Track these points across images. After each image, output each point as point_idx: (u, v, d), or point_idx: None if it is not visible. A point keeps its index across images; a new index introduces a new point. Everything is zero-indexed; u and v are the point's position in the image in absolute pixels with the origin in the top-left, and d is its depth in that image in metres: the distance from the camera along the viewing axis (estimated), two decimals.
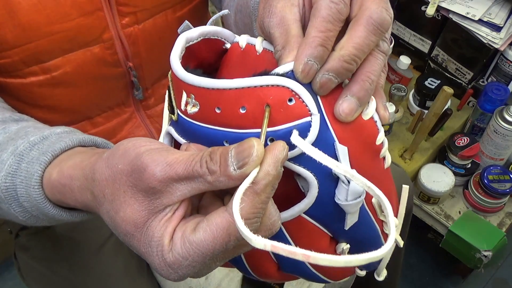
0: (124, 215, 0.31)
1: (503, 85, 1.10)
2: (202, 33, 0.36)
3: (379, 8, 0.31)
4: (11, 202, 0.39)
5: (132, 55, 0.63)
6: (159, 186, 0.29)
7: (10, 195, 0.39)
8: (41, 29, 0.54)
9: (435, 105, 1.00)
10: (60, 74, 0.59)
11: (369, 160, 0.34)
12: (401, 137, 1.18)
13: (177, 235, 0.30)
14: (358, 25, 0.31)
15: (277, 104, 0.30)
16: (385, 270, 0.40)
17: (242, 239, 0.28)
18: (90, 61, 0.60)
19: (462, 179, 1.17)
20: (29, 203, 0.39)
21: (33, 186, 0.37)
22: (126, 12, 0.60)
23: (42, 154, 0.38)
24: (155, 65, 0.67)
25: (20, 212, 0.40)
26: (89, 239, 0.71)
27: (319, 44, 0.30)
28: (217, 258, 0.30)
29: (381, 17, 0.31)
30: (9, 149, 0.40)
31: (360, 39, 0.31)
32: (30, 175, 0.38)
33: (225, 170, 0.28)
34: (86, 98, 0.63)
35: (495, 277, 1.34)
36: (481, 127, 1.16)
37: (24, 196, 0.38)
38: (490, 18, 1.07)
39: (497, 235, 1.09)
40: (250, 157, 0.28)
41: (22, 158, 0.39)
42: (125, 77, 0.65)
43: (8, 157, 0.39)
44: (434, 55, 1.21)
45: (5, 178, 0.39)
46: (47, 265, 0.70)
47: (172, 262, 0.30)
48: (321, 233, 0.35)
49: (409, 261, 1.37)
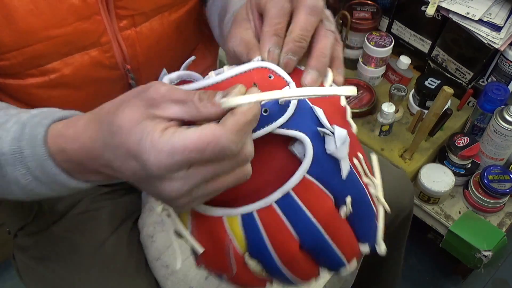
0: (122, 114, 0.35)
1: (503, 85, 1.10)
2: (180, 76, 0.43)
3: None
4: (16, 164, 0.42)
5: (130, 57, 0.63)
6: (159, 99, 0.35)
7: (17, 157, 0.42)
8: (38, 33, 0.54)
9: (435, 105, 1.00)
10: (58, 77, 0.59)
11: (341, 120, 0.42)
12: (401, 137, 1.18)
13: (169, 130, 0.34)
14: (298, 13, 0.41)
15: (261, 81, 0.38)
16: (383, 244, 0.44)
17: (226, 144, 0.33)
18: (88, 64, 0.60)
19: (462, 179, 1.17)
20: (34, 162, 0.41)
21: (39, 145, 0.41)
22: (124, 15, 0.60)
23: (44, 118, 0.42)
24: (152, 67, 0.67)
25: (23, 175, 0.42)
26: (87, 239, 0.71)
27: (273, 34, 0.40)
28: (202, 160, 0.34)
29: (314, 2, 0.41)
30: (12, 120, 0.43)
31: (302, 21, 0.40)
32: (34, 136, 0.41)
33: (212, 98, 0.35)
34: (84, 101, 0.63)
35: (495, 277, 1.34)
36: (481, 127, 1.16)
37: (30, 156, 0.41)
38: (490, 18, 1.07)
39: (497, 235, 1.09)
40: (233, 89, 0.35)
41: (25, 125, 0.42)
42: (122, 80, 0.65)
43: (12, 125, 0.43)
44: (434, 55, 1.21)
45: (11, 142, 0.42)
46: (45, 265, 0.70)
47: (160, 148, 0.33)
48: (325, 196, 0.39)
49: (409, 261, 1.37)
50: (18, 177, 0.43)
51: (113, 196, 0.76)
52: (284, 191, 0.38)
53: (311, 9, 0.41)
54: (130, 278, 0.69)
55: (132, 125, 0.34)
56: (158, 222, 0.73)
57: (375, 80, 1.27)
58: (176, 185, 0.35)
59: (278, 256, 0.40)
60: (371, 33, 1.22)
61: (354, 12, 1.25)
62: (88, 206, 0.74)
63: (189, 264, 0.69)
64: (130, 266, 0.70)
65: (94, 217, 0.73)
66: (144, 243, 0.74)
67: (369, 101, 1.21)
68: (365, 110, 1.20)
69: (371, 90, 1.23)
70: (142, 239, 0.74)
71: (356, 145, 0.42)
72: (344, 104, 0.43)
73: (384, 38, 1.21)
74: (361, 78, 1.26)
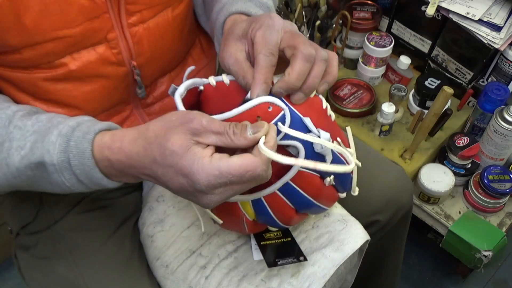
0: (173, 140, 0.45)
1: (503, 85, 1.10)
2: (186, 87, 0.54)
3: (307, 47, 0.49)
4: (64, 172, 0.50)
5: (136, 54, 0.64)
6: (202, 129, 0.45)
7: (65, 166, 0.50)
8: (47, 34, 0.55)
9: (435, 105, 1.00)
10: (65, 72, 0.60)
11: (323, 118, 0.55)
12: (401, 137, 1.18)
13: (215, 156, 0.44)
14: (295, 60, 0.49)
15: (263, 113, 0.49)
16: (357, 188, 0.60)
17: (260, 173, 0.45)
18: (94, 60, 0.60)
19: (462, 179, 1.17)
20: (80, 171, 0.50)
21: (87, 158, 0.49)
22: (134, 10, 0.61)
23: (87, 133, 0.49)
24: (156, 64, 0.68)
25: (68, 180, 0.50)
26: (88, 239, 0.71)
27: (263, 82, 0.50)
28: (239, 182, 0.45)
29: (309, 51, 0.49)
30: (53, 133, 0.50)
31: (299, 68, 0.49)
32: (81, 151, 0.49)
33: (244, 132, 0.46)
34: (89, 96, 0.64)
35: (495, 277, 1.34)
36: (481, 127, 1.16)
37: (77, 166, 0.49)
38: (490, 18, 1.07)
39: (497, 235, 1.09)
40: (263, 128, 0.46)
41: (69, 138, 0.49)
42: (128, 76, 0.65)
43: (56, 139, 0.49)
44: (434, 55, 1.21)
45: (59, 154, 0.49)
46: (47, 265, 0.70)
47: (210, 171, 0.43)
48: (314, 176, 0.56)
49: (409, 261, 1.37)
50: (64, 181, 0.51)
51: (114, 196, 0.76)
52: (284, 181, 0.53)
53: (307, 58, 0.49)
54: (131, 277, 0.69)
55: (183, 151, 0.44)
56: (158, 222, 0.73)
57: (375, 80, 1.27)
58: (214, 198, 0.46)
59: (278, 219, 0.58)
60: (371, 33, 1.22)
61: (354, 12, 1.25)
62: (89, 206, 0.74)
63: (189, 264, 0.69)
64: (131, 266, 0.70)
65: (95, 217, 0.73)
66: (144, 243, 0.74)
67: (369, 101, 1.21)
68: (365, 110, 1.20)
69: (371, 90, 1.23)
70: (142, 239, 0.74)
71: (336, 130, 0.57)
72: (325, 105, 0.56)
73: (384, 38, 1.21)
74: (361, 78, 1.26)
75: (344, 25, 1.25)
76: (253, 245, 0.69)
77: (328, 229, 0.70)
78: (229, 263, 0.69)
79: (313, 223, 0.71)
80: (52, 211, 0.73)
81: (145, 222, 0.74)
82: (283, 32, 0.51)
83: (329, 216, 0.72)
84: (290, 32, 0.51)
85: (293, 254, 0.65)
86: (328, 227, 0.70)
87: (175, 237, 0.71)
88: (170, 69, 0.73)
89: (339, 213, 0.72)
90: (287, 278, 0.66)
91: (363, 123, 1.21)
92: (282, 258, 0.64)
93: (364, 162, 0.84)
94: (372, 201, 0.80)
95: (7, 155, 0.50)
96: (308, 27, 1.26)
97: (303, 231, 0.71)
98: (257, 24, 0.52)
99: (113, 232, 0.72)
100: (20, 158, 0.49)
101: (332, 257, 0.67)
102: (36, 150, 0.49)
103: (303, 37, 0.51)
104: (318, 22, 1.26)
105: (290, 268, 0.67)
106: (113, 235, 0.72)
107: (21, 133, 0.50)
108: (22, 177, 0.51)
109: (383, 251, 0.93)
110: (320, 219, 0.72)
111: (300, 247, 0.67)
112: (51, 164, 0.49)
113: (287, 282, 0.66)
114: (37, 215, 0.73)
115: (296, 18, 1.20)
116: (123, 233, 0.73)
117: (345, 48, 1.28)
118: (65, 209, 0.73)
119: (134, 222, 0.76)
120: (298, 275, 0.66)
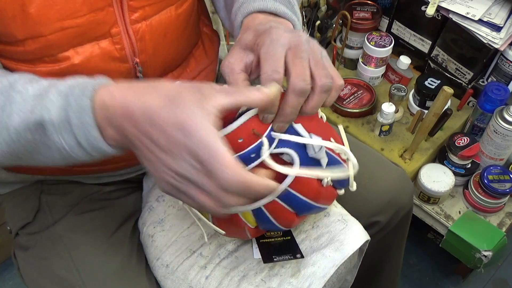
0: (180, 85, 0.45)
1: (503, 85, 1.10)
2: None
3: (299, 81, 0.48)
4: (63, 132, 0.48)
5: (139, 51, 0.64)
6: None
7: (64, 126, 0.47)
8: (52, 24, 0.55)
9: (435, 105, 1.00)
10: (68, 66, 0.60)
11: (315, 122, 0.56)
12: (401, 137, 1.18)
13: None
14: (288, 95, 0.49)
15: (257, 125, 0.50)
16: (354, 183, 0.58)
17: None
18: (97, 54, 0.60)
19: (462, 179, 1.17)
20: (79, 129, 0.47)
21: (87, 114, 0.46)
22: (136, 7, 0.61)
23: (85, 89, 0.47)
24: (158, 61, 0.68)
25: (68, 141, 0.48)
26: (87, 239, 0.71)
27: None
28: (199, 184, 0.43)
29: (302, 86, 0.48)
30: (52, 91, 0.48)
31: (292, 102, 0.49)
32: (81, 106, 0.47)
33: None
34: None
35: (495, 277, 1.34)
36: (481, 127, 1.16)
37: (77, 124, 0.47)
38: (490, 18, 1.07)
39: (497, 235, 1.09)
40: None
41: (68, 96, 0.47)
42: (130, 74, 0.66)
43: (56, 97, 0.47)
44: (434, 55, 1.21)
45: (58, 111, 0.47)
46: (46, 265, 0.70)
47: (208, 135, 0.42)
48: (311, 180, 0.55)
49: (409, 261, 1.37)
50: (63, 144, 0.48)
51: (114, 197, 0.77)
52: (282, 188, 0.51)
53: (298, 93, 0.49)
54: (131, 277, 0.69)
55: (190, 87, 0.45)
56: (158, 222, 0.73)
57: (375, 80, 1.27)
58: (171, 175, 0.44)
59: (280, 224, 0.58)
60: (371, 33, 1.22)
61: (354, 12, 1.25)
62: (89, 207, 0.74)
63: (189, 264, 0.69)
64: (130, 266, 0.70)
65: (94, 217, 0.73)
66: (144, 243, 0.74)
67: (369, 101, 1.21)
68: (365, 110, 1.20)
69: (371, 90, 1.23)
70: (142, 239, 0.74)
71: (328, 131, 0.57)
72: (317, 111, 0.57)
73: (384, 38, 1.21)
74: (361, 78, 1.26)
75: (344, 25, 1.25)
76: (253, 243, 0.69)
77: (328, 229, 0.70)
78: (229, 263, 0.69)
79: (313, 223, 0.71)
80: (52, 211, 0.73)
81: (145, 222, 0.74)
82: (288, 47, 0.50)
83: (329, 216, 0.72)
84: (294, 50, 0.50)
85: (290, 251, 0.65)
86: (328, 227, 0.70)
87: (175, 237, 0.71)
88: (173, 68, 0.73)
89: (339, 213, 0.72)
90: (287, 278, 0.66)
91: (363, 123, 1.21)
92: (279, 255, 0.64)
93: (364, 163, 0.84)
94: (372, 202, 0.80)
95: (7, 118, 0.49)
96: (308, 27, 1.26)
97: (303, 231, 0.71)
98: (261, 40, 0.51)
99: (112, 233, 0.72)
100: (20, 120, 0.48)
101: (332, 257, 0.67)
102: (36, 110, 0.48)
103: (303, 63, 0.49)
104: (318, 22, 1.26)
105: (290, 268, 0.67)
106: (113, 236, 0.72)
107: (22, 97, 0.49)
108: (22, 141, 0.49)
109: (383, 252, 0.93)
110: (320, 219, 0.72)
111: (300, 247, 0.67)
112: (51, 123, 0.47)
113: (287, 282, 0.66)
114: (36, 216, 0.73)
115: None
116: (122, 234, 0.73)
117: (345, 48, 1.28)
118: (64, 210, 0.73)
119: (133, 223, 0.76)
120: (298, 275, 0.66)
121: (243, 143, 0.49)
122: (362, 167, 0.85)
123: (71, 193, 0.74)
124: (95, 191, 0.75)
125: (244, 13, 0.59)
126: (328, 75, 0.50)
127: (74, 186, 0.75)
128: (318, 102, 0.50)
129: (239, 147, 0.49)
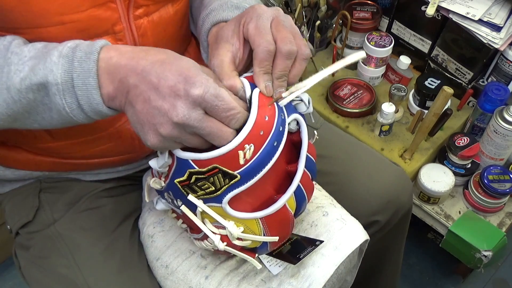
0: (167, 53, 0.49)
1: (503, 85, 1.10)
2: None
3: (286, 44, 0.51)
4: (66, 93, 0.49)
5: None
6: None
7: (67, 87, 0.49)
8: (52, 18, 0.55)
9: (435, 105, 1.00)
10: None
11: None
12: (401, 137, 1.18)
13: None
14: (277, 58, 0.52)
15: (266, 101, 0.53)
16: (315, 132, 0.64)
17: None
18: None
19: (462, 179, 1.17)
20: (82, 91, 0.49)
21: (91, 76, 0.49)
22: (142, 4, 0.61)
23: (89, 53, 0.49)
24: None
25: (69, 103, 0.50)
26: (88, 238, 0.71)
27: (264, 73, 0.53)
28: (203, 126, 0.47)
29: (289, 48, 0.51)
30: (54, 54, 0.49)
31: (282, 65, 0.52)
32: (87, 70, 0.49)
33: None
34: None
35: (495, 277, 1.34)
36: (481, 127, 1.16)
37: (80, 86, 0.49)
38: (490, 18, 1.07)
39: (497, 235, 1.09)
40: None
41: (72, 59, 0.49)
42: None
43: (58, 59, 0.49)
44: (434, 55, 1.21)
45: (63, 74, 0.49)
46: (46, 264, 0.70)
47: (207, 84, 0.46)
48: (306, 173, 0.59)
49: (409, 261, 1.37)
50: (64, 105, 0.50)
51: (114, 195, 0.76)
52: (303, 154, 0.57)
53: (287, 55, 0.52)
54: (131, 276, 0.69)
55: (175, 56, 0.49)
56: (158, 222, 0.73)
57: (375, 80, 1.27)
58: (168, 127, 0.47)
59: (308, 199, 0.61)
60: (371, 33, 1.22)
61: (354, 12, 1.25)
62: (88, 205, 0.74)
63: (189, 264, 0.69)
64: (131, 265, 0.70)
65: (94, 216, 0.73)
66: (144, 243, 0.74)
67: (369, 101, 1.21)
68: (365, 110, 1.20)
69: (371, 90, 1.23)
70: (142, 239, 0.74)
71: None
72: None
73: (384, 38, 1.21)
74: (361, 78, 1.26)
75: (344, 25, 1.25)
76: (266, 263, 0.68)
77: (327, 228, 0.70)
78: (230, 264, 0.69)
79: (311, 222, 0.71)
80: (51, 209, 0.73)
81: (145, 222, 0.74)
82: (271, 19, 0.53)
83: (327, 215, 0.72)
84: (276, 20, 0.53)
85: (309, 244, 0.65)
86: (326, 226, 0.70)
87: (175, 237, 0.72)
88: None
89: (338, 213, 0.72)
90: (287, 278, 0.66)
91: (363, 123, 1.21)
92: (301, 252, 0.64)
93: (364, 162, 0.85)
94: (372, 202, 0.80)
95: (7, 79, 0.50)
96: (308, 27, 1.26)
97: (302, 230, 0.71)
98: (247, 18, 0.53)
99: (112, 231, 0.72)
100: (20, 80, 0.49)
101: (332, 256, 0.67)
102: (38, 71, 0.49)
103: (286, 29, 0.53)
104: (318, 22, 1.26)
105: (290, 269, 0.67)
106: (113, 234, 0.72)
107: (18, 58, 0.50)
108: (23, 101, 0.50)
109: (383, 252, 0.93)
110: (318, 218, 0.72)
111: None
112: (55, 83, 0.49)
113: (287, 282, 0.66)
114: (36, 214, 0.73)
115: (296, 18, 1.20)
116: (122, 232, 0.73)
117: (345, 48, 1.28)
118: (64, 208, 0.73)
119: (133, 221, 0.76)
120: (298, 275, 0.66)
121: (269, 120, 0.52)
122: (361, 166, 0.85)
123: (70, 191, 0.74)
124: (94, 188, 0.75)
125: (213, 21, 0.63)
126: (306, 44, 0.54)
127: (73, 184, 0.75)
128: (299, 70, 0.54)
129: (268, 124, 0.51)
